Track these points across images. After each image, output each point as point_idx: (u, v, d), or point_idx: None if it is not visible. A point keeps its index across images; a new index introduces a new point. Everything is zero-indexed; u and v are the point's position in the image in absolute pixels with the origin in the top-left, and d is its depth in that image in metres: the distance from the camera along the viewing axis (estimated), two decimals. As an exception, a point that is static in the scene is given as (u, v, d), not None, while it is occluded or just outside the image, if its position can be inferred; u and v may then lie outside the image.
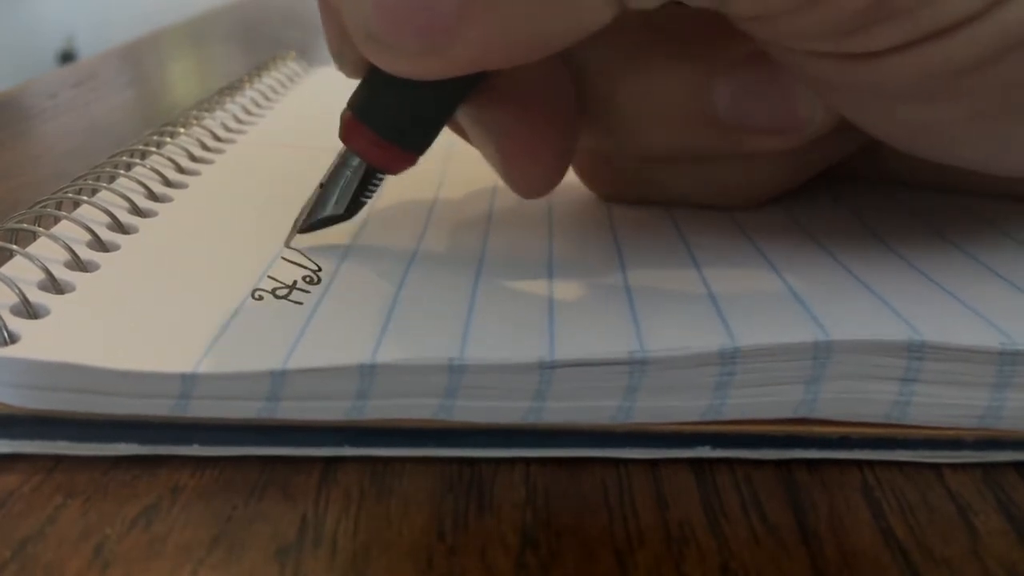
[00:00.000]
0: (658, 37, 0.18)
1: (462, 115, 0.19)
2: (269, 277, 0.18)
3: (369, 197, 0.19)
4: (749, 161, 0.20)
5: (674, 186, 0.21)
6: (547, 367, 0.14)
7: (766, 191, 0.22)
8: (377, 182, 0.19)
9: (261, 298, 0.17)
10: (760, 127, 0.19)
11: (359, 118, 0.18)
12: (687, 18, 0.16)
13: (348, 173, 0.19)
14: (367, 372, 0.14)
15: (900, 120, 0.17)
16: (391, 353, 0.15)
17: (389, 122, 0.18)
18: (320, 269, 0.18)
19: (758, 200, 0.22)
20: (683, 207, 0.22)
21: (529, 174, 0.19)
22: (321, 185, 0.19)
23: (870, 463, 0.15)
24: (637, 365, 0.15)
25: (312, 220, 0.19)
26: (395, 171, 0.19)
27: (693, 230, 0.20)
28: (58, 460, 0.15)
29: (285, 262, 0.18)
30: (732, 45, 0.18)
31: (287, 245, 0.19)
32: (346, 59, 0.18)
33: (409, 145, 0.18)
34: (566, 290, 0.17)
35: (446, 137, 0.19)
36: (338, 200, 0.19)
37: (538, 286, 0.17)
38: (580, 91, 0.19)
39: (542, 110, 0.19)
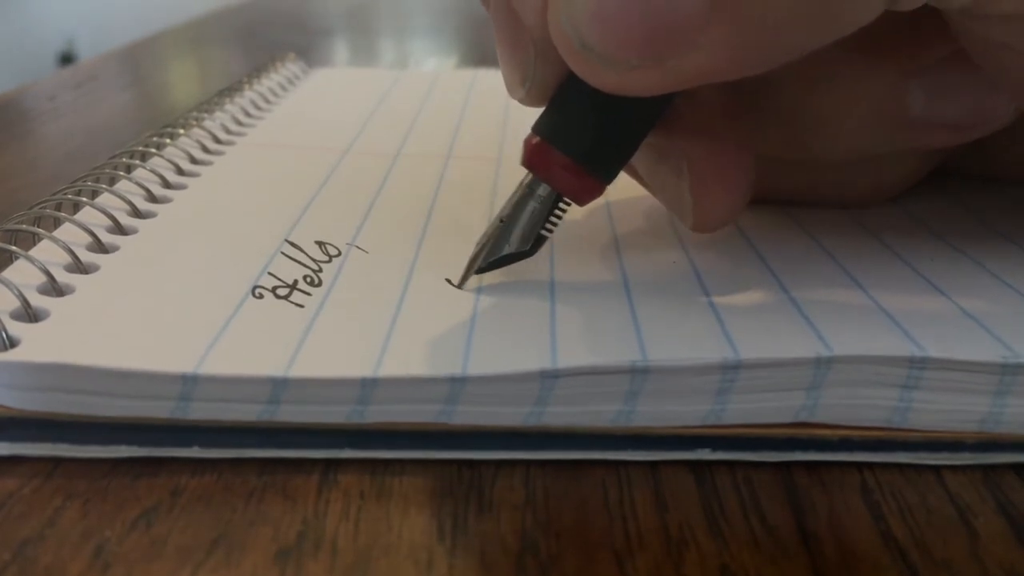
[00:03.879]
0: (853, 42, 0.17)
1: (641, 152, 0.18)
2: (270, 274, 0.18)
3: (551, 231, 0.17)
4: (895, 162, 0.20)
5: (807, 188, 0.21)
6: (549, 376, 0.14)
7: (896, 188, 0.22)
8: (560, 214, 0.17)
9: (262, 296, 0.17)
10: (952, 124, 0.19)
11: (551, 142, 0.17)
12: (879, 22, 0.15)
13: (534, 204, 0.17)
14: (369, 384, 0.14)
15: None
16: (393, 366, 0.15)
17: (583, 147, 0.17)
18: (321, 270, 0.18)
19: (885, 197, 0.22)
20: (796, 206, 0.22)
21: (716, 204, 0.18)
22: (501, 219, 0.17)
23: (870, 465, 0.15)
24: (639, 373, 0.15)
25: (493, 258, 0.17)
26: (585, 200, 0.17)
27: (695, 239, 0.20)
28: (58, 462, 0.15)
29: (285, 257, 0.18)
30: (924, 47, 0.18)
31: (459, 287, 0.17)
32: (536, 81, 0.17)
33: (601, 172, 0.17)
34: (568, 298, 0.17)
35: (450, 134, 0.19)
36: (523, 235, 0.17)
37: (540, 294, 0.17)
38: (766, 102, 0.19)
39: (728, 134, 0.18)
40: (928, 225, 0.21)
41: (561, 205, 0.17)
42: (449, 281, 0.18)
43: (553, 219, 0.17)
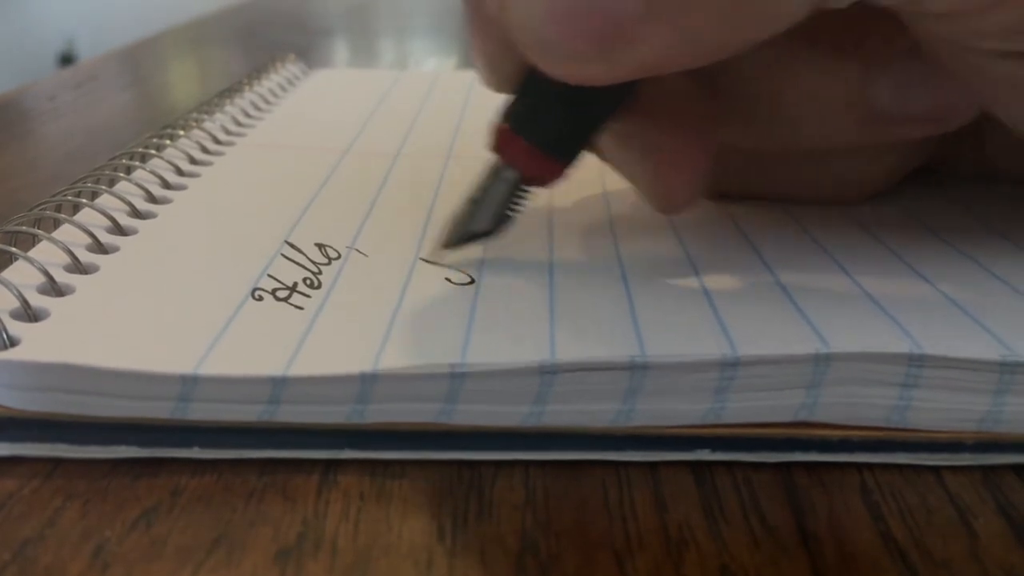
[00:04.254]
0: (816, 34, 0.18)
1: (606, 135, 0.19)
2: (269, 276, 0.18)
3: (515, 212, 0.18)
4: (875, 155, 0.21)
5: (792, 182, 0.21)
6: (548, 371, 0.15)
7: (878, 185, 0.22)
8: (524, 196, 0.18)
9: (261, 298, 0.17)
10: (917, 117, 0.19)
11: (515, 130, 0.18)
12: (843, 14, 0.15)
13: (500, 186, 0.18)
14: (368, 379, 0.14)
15: None
16: (393, 360, 0.15)
17: (546, 134, 0.18)
18: (320, 272, 0.18)
19: (867, 194, 0.22)
20: (785, 203, 0.22)
21: (677, 187, 0.19)
22: (471, 200, 0.18)
23: (869, 466, 0.15)
24: (638, 370, 0.15)
25: (459, 234, 0.18)
26: (548, 183, 0.18)
27: (692, 233, 0.20)
28: (58, 463, 0.15)
29: (285, 259, 0.18)
30: (888, 39, 0.18)
31: (426, 259, 0.19)
32: (501, 71, 0.18)
33: (564, 156, 0.18)
34: (567, 294, 0.17)
35: (449, 134, 0.19)
36: (487, 215, 0.18)
37: (539, 290, 0.17)
38: (731, 91, 0.19)
39: (689, 120, 0.18)
40: (923, 221, 0.21)
41: (525, 186, 0.18)
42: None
43: (518, 200, 0.18)
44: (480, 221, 0.18)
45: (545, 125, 0.18)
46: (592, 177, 0.25)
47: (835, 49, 0.19)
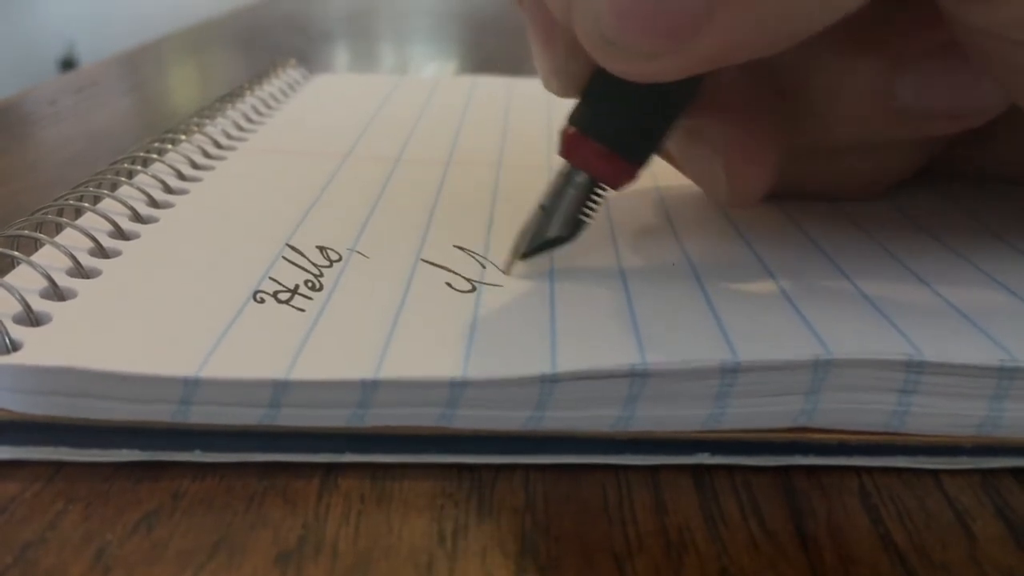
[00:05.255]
0: (844, 30, 0.18)
1: (679, 130, 0.19)
2: (271, 279, 0.18)
3: (589, 215, 0.18)
4: (891, 151, 0.21)
5: (807, 179, 0.22)
6: (548, 380, 0.15)
7: (892, 179, 0.22)
8: (598, 199, 0.18)
9: (263, 301, 0.17)
10: (942, 114, 0.19)
11: (585, 132, 0.18)
12: (870, 10, 0.16)
13: (572, 191, 0.18)
14: (370, 386, 0.14)
15: None
16: (394, 368, 0.15)
17: (616, 135, 0.18)
18: (322, 275, 0.18)
19: (880, 190, 0.22)
20: (792, 199, 0.22)
21: (751, 180, 0.19)
22: (542, 207, 0.18)
23: (868, 469, 0.15)
24: (638, 377, 0.15)
25: (536, 244, 0.18)
26: (620, 185, 0.18)
27: (693, 238, 0.20)
28: (59, 466, 0.15)
29: (286, 262, 0.18)
30: (915, 36, 0.19)
31: (506, 272, 0.18)
32: (567, 75, 0.18)
33: (634, 157, 0.18)
34: (567, 301, 0.17)
35: (450, 140, 0.19)
36: (562, 221, 0.18)
37: (539, 297, 0.17)
38: (778, 84, 0.19)
39: (760, 114, 0.19)
40: (922, 224, 0.21)
41: (598, 190, 0.18)
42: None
43: (591, 204, 0.18)
44: (555, 227, 0.18)
45: (615, 126, 0.18)
46: None
47: (861, 45, 0.19)
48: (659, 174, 0.23)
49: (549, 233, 0.18)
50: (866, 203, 0.23)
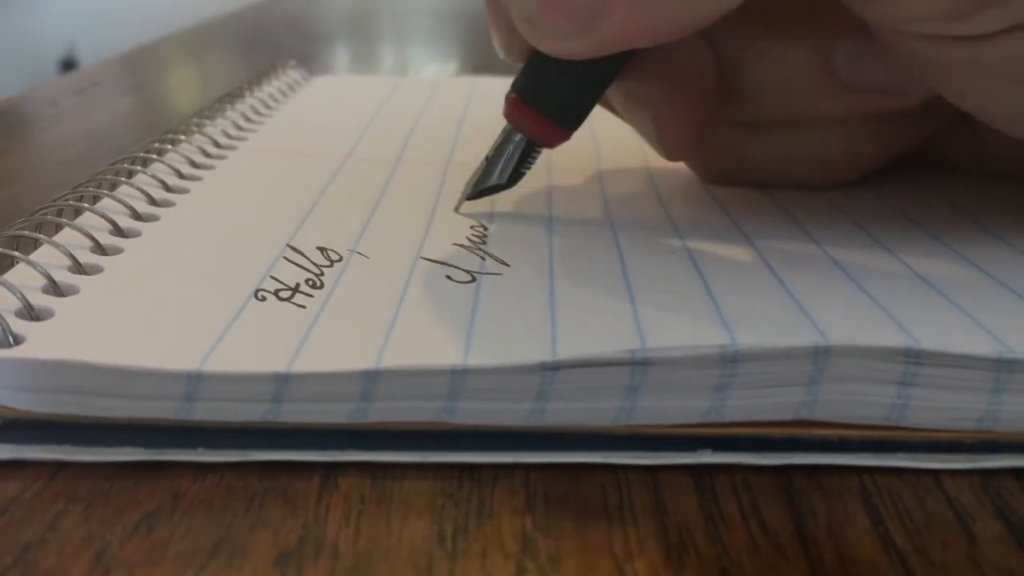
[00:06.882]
0: (780, 3, 0.20)
1: (615, 93, 0.21)
2: (272, 278, 0.18)
3: (527, 169, 0.21)
4: (852, 130, 0.22)
5: (777, 158, 0.23)
6: (549, 368, 0.15)
7: (864, 164, 0.23)
8: (535, 155, 0.21)
9: (264, 298, 0.17)
10: (875, 88, 0.20)
11: (521, 98, 0.20)
12: None
13: (511, 148, 0.21)
14: (372, 377, 0.14)
15: (1001, 99, 0.18)
16: (395, 358, 0.15)
17: (548, 101, 0.20)
18: (323, 274, 0.18)
19: (854, 175, 0.23)
20: (778, 188, 0.23)
21: (679, 135, 0.22)
22: (487, 158, 0.21)
23: (868, 469, 0.15)
24: (639, 366, 0.15)
25: (479, 188, 0.22)
26: (552, 145, 0.21)
27: (692, 230, 0.21)
28: (60, 467, 0.15)
29: (287, 262, 0.18)
30: (848, 11, 0.19)
31: (456, 211, 0.22)
32: (512, 47, 0.20)
33: (564, 121, 0.20)
34: (567, 290, 0.17)
35: (450, 140, 0.19)
36: (502, 171, 0.21)
37: (539, 286, 0.18)
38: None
39: (688, 83, 0.21)
40: (912, 217, 0.22)
41: (535, 148, 0.21)
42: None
43: (529, 159, 0.21)
44: (496, 176, 0.21)
45: (548, 96, 0.20)
46: (588, 167, 0.26)
47: (798, 17, 0.20)
48: (651, 157, 0.25)
49: (491, 181, 0.22)
50: (863, 201, 0.23)
